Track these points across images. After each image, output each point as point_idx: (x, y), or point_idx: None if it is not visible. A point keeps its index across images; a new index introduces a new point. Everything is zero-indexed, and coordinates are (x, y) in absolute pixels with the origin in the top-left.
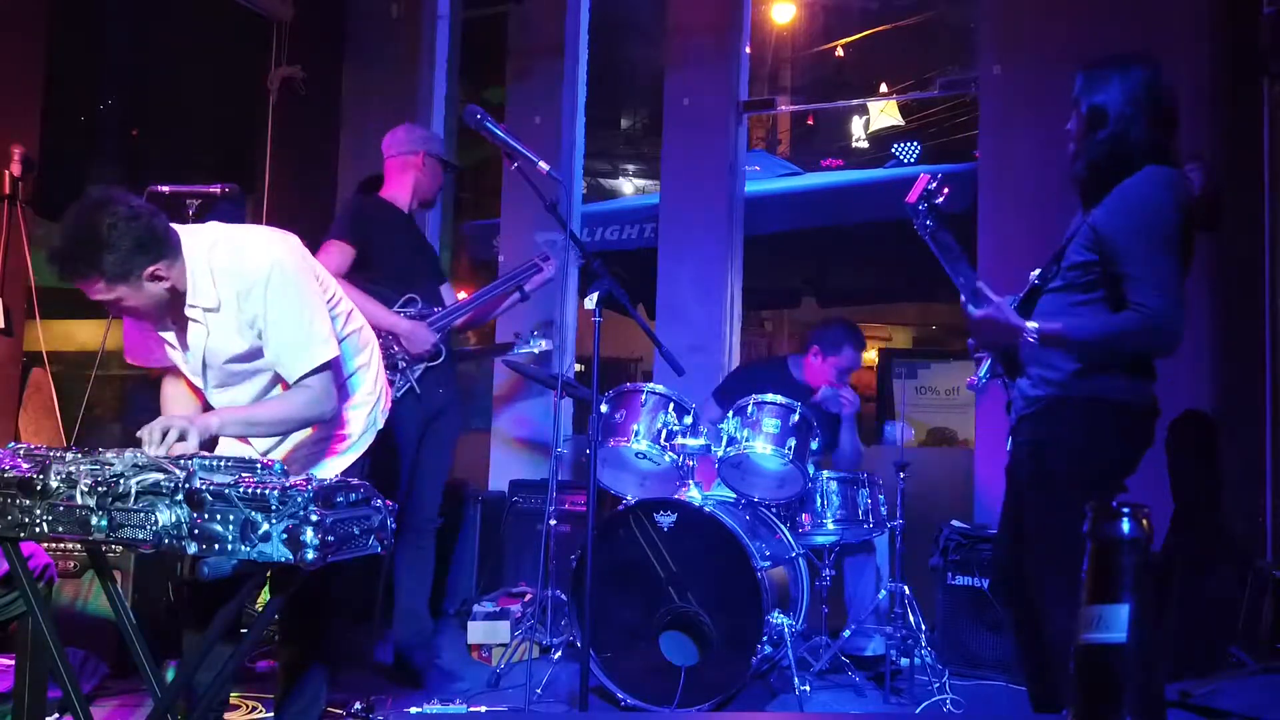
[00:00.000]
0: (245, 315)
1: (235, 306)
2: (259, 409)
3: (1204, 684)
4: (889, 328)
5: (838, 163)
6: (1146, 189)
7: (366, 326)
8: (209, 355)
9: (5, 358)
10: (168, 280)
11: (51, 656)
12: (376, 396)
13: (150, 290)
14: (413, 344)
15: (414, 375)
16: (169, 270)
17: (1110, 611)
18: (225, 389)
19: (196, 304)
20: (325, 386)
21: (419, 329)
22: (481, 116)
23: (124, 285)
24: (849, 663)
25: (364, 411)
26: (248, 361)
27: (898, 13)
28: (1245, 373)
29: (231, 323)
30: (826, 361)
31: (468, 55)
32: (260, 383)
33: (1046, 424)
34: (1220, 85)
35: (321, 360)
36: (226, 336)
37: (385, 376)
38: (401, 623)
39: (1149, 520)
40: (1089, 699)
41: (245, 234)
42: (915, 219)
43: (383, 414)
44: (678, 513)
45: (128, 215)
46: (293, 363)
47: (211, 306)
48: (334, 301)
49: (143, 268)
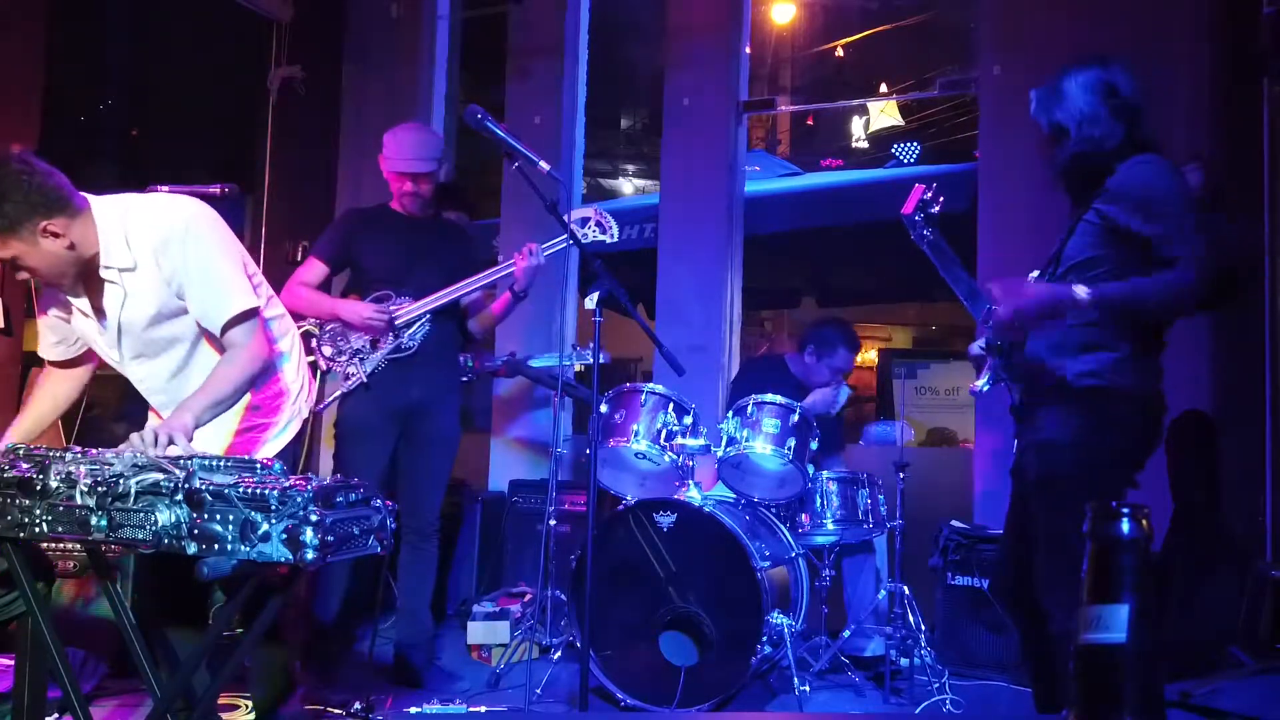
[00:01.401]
0: (164, 272)
1: (153, 264)
2: (212, 386)
3: (1204, 684)
4: (889, 328)
5: (837, 163)
6: (1145, 169)
7: (286, 316)
8: (125, 321)
9: (5, 357)
10: (65, 238)
11: (51, 656)
12: (300, 385)
13: (47, 248)
14: (353, 320)
15: (366, 369)
16: (66, 228)
17: (1110, 611)
18: (143, 360)
19: (111, 265)
20: (258, 340)
21: (355, 305)
22: (482, 116)
23: (17, 240)
24: (848, 663)
25: (288, 399)
26: (166, 323)
27: (898, 13)
28: (1245, 373)
29: (149, 282)
30: (821, 362)
31: (468, 55)
32: (179, 354)
33: (1052, 423)
34: (1220, 85)
35: (245, 306)
36: (144, 297)
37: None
38: (402, 623)
39: (1149, 520)
40: (1089, 699)
41: (159, 197)
42: (912, 230)
43: (306, 404)
44: (677, 513)
45: (21, 170)
46: (217, 310)
47: (128, 266)
48: (254, 278)
49: (35, 221)
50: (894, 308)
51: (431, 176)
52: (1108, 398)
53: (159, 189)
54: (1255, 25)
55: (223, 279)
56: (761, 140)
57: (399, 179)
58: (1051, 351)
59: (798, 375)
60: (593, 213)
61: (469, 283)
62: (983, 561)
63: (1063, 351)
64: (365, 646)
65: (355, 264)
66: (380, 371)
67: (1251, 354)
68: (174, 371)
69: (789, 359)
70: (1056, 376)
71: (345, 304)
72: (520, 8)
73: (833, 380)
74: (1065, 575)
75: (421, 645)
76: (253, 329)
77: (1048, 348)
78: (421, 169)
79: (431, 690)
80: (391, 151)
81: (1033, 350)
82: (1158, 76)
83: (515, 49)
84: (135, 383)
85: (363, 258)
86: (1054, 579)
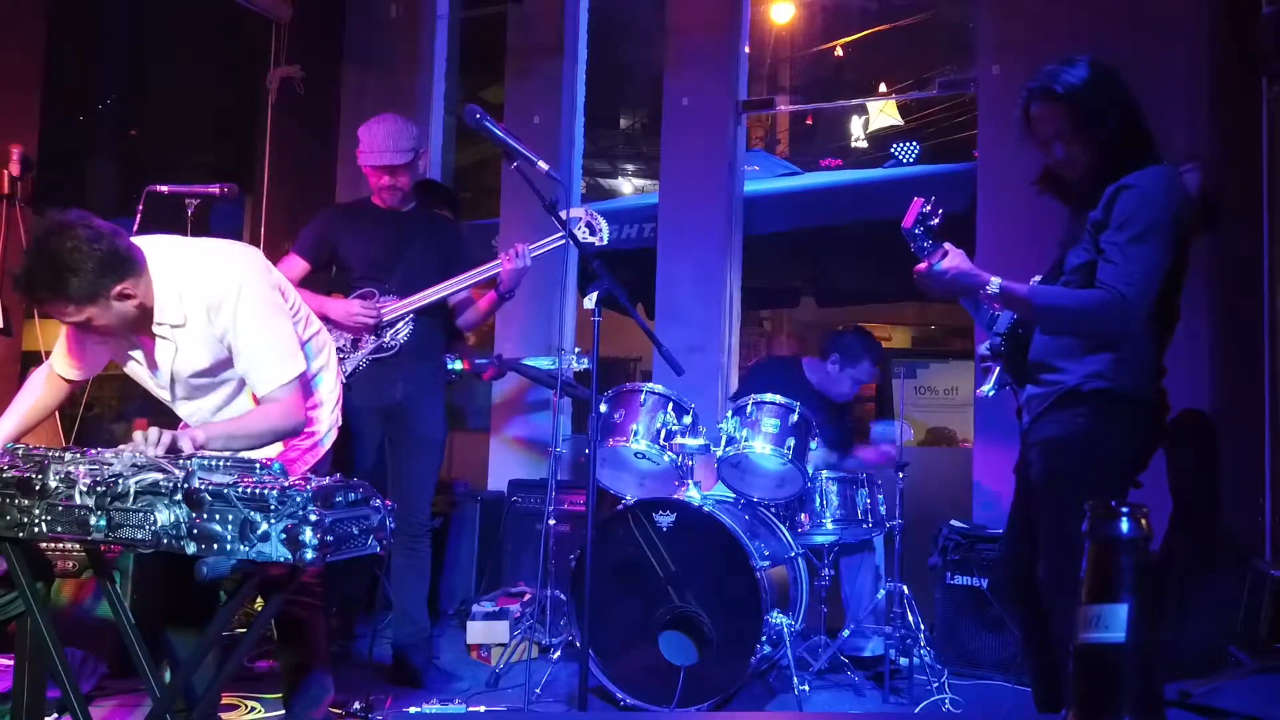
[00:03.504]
0: (215, 330)
1: (205, 320)
2: (239, 424)
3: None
4: (888, 328)
5: (837, 162)
6: (1147, 184)
7: (324, 329)
8: (177, 371)
9: (4, 357)
10: (135, 297)
11: (50, 656)
12: (337, 395)
13: (119, 309)
14: (341, 318)
15: (346, 369)
16: (135, 288)
17: (1109, 611)
18: (191, 400)
19: (164, 321)
20: (295, 400)
21: (344, 303)
22: (481, 116)
23: (92, 306)
24: (848, 662)
25: (326, 409)
26: (215, 375)
27: (897, 13)
28: (1245, 373)
29: (199, 337)
30: (844, 372)
31: (466, 55)
32: (225, 392)
33: (1056, 422)
34: (1220, 85)
35: (291, 376)
36: (194, 351)
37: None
38: (398, 624)
39: (1148, 520)
40: (1088, 699)
41: (210, 249)
42: (912, 243)
43: (339, 411)
44: (677, 512)
45: (89, 238)
46: (263, 378)
47: (178, 323)
48: (294, 310)
49: (109, 288)
50: (893, 308)
51: (408, 168)
52: (1112, 398)
53: (158, 189)
54: (1255, 25)
55: (272, 346)
56: (761, 140)
57: (375, 173)
58: (1056, 353)
59: (815, 383)
60: (584, 213)
61: (455, 282)
62: (982, 561)
63: (1066, 353)
64: (364, 646)
65: (338, 260)
66: (362, 371)
67: (1251, 354)
68: (218, 407)
69: (806, 365)
70: (1062, 383)
71: (333, 302)
72: (519, 8)
73: (851, 390)
74: (1067, 574)
75: (419, 645)
76: (295, 392)
77: (1052, 350)
78: (396, 160)
79: (431, 690)
80: (365, 145)
81: (1037, 353)
82: (1157, 77)
83: (514, 49)
84: (183, 417)
85: (345, 253)
86: (1056, 577)
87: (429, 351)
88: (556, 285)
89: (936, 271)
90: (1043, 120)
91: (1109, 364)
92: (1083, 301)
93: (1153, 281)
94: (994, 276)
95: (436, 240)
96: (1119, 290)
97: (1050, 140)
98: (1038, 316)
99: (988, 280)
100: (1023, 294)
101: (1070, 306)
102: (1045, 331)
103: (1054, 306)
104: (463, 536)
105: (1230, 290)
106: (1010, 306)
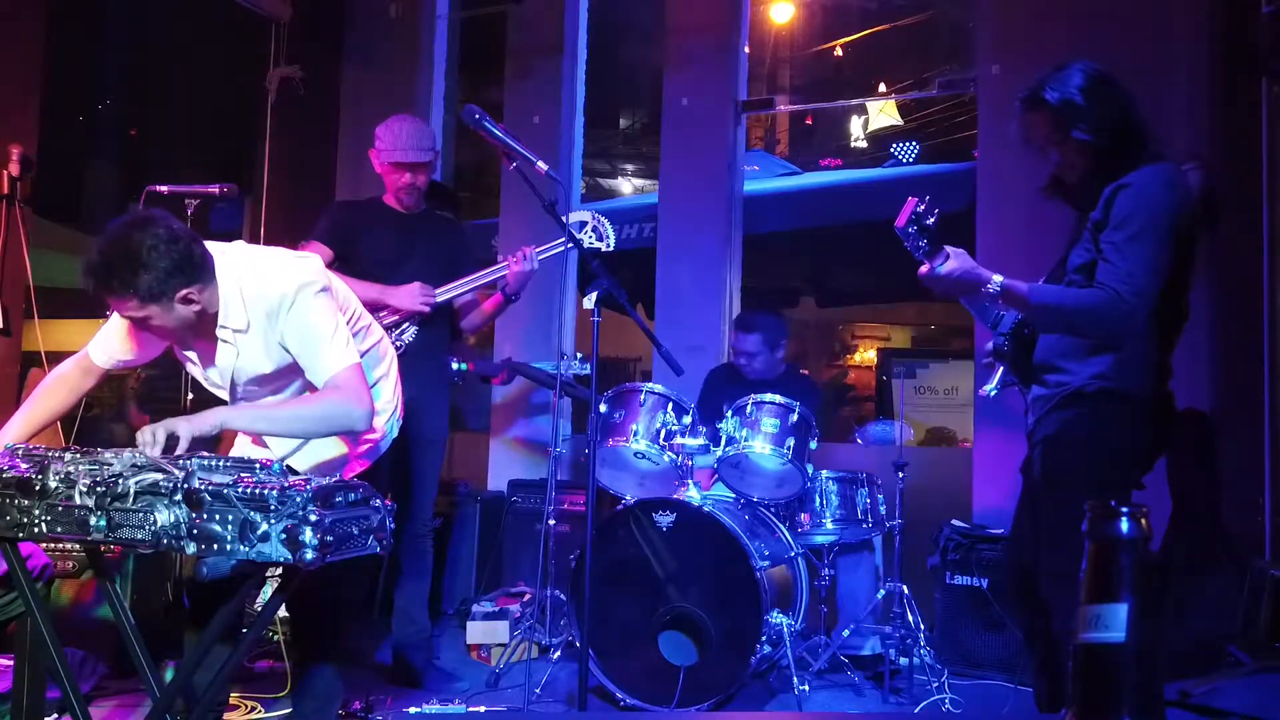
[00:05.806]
0: (275, 334)
1: (265, 325)
2: (289, 404)
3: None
4: (888, 328)
5: (836, 162)
6: (1144, 183)
7: (385, 339)
8: (238, 373)
9: (4, 358)
10: (198, 304)
11: (50, 656)
12: (395, 404)
13: (180, 312)
14: (406, 304)
15: None
16: (201, 294)
17: (1109, 611)
18: (248, 399)
19: (228, 325)
20: (357, 387)
21: (407, 289)
22: (480, 116)
23: (155, 306)
24: (848, 662)
25: (383, 419)
26: (276, 381)
27: (896, 12)
28: (1245, 373)
29: (260, 342)
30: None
31: (466, 55)
32: (284, 392)
33: (1061, 421)
34: (1220, 85)
35: (351, 360)
36: (255, 356)
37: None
38: (398, 624)
39: (1148, 520)
40: (1088, 699)
41: (272, 256)
42: (907, 242)
43: (398, 421)
44: (677, 512)
45: (167, 238)
46: (322, 366)
47: (241, 328)
48: (354, 318)
49: (176, 290)
50: (893, 307)
51: (428, 167)
52: (1116, 398)
53: (158, 189)
54: (1255, 25)
55: (331, 337)
56: (760, 140)
57: (396, 171)
58: (1061, 354)
59: (742, 370)
60: (590, 218)
61: (463, 283)
62: (982, 561)
63: (1071, 354)
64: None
65: (350, 256)
66: None
67: (1251, 354)
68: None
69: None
70: (1067, 384)
71: (393, 290)
72: (519, 8)
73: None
74: (1069, 572)
75: (419, 645)
76: (353, 374)
77: (1057, 351)
78: (421, 158)
79: (431, 690)
80: (387, 143)
81: (1042, 354)
82: (1157, 77)
83: (514, 49)
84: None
85: (359, 249)
86: (1058, 575)
87: (434, 352)
88: (557, 286)
89: (939, 275)
90: (1033, 127)
91: (1113, 364)
92: (1081, 301)
93: (1152, 280)
94: (995, 274)
95: (441, 241)
96: (1117, 290)
97: (1044, 146)
98: (1036, 315)
99: (989, 278)
100: (1022, 292)
101: (1068, 306)
102: (1044, 330)
103: (1052, 305)
104: (463, 536)
105: (1230, 290)
106: (1011, 304)
